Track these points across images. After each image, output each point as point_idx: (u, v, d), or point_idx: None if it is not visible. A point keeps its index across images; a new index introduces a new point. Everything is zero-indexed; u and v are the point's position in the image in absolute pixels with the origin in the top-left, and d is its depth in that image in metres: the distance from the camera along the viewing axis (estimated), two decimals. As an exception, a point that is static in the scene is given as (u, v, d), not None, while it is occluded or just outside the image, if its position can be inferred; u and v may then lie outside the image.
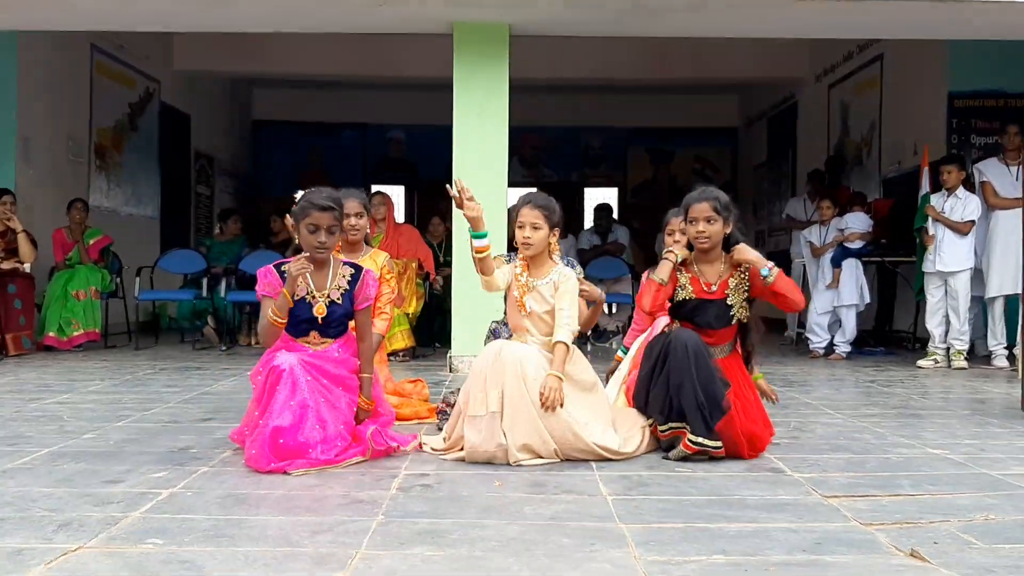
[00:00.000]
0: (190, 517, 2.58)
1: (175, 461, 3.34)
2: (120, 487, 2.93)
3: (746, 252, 3.52)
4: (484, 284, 3.61)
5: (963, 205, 7.03)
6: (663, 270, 3.56)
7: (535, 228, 3.57)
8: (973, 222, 7.04)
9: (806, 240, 8.57)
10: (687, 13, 6.24)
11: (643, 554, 2.28)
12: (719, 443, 3.34)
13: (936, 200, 7.17)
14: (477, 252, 3.54)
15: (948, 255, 7.08)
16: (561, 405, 3.40)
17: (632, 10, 6.17)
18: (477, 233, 3.54)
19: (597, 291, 3.98)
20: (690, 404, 3.32)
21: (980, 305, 7.32)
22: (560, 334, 3.53)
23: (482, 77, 6.62)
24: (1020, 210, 6.88)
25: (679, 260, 3.59)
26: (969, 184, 7.19)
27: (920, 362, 7.11)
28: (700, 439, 3.32)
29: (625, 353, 4.18)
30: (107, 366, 6.69)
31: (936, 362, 7.06)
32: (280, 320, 3.36)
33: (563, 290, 3.59)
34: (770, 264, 3.51)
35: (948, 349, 7.16)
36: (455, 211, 6.60)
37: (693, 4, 5.99)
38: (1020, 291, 6.88)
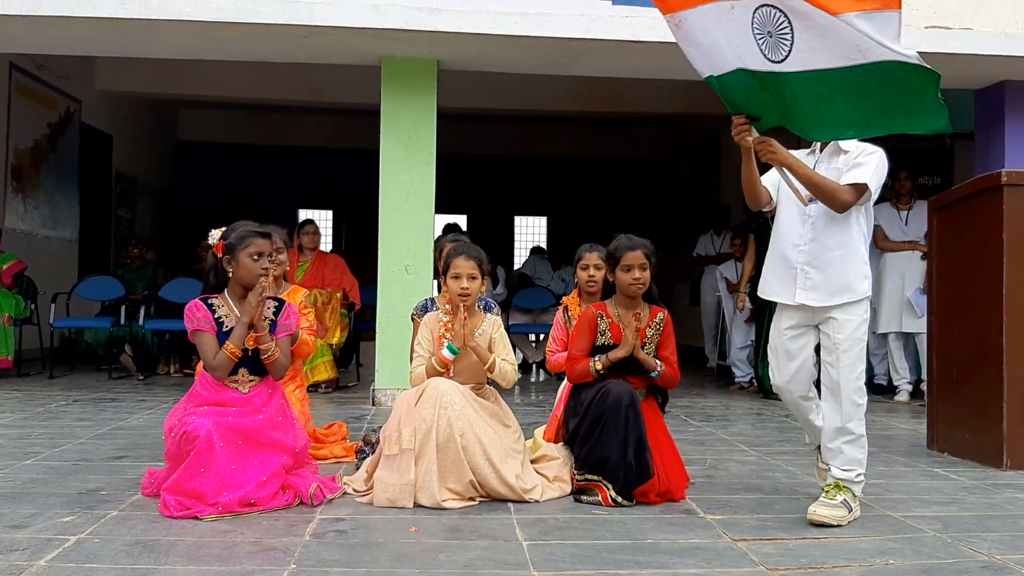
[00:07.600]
0: (96, 567, 2.53)
1: (84, 504, 3.26)
2: (26, 532, 2.86)
3: (646, 359, 3.59)
4: (414, 379, 3.63)
5: None
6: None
7: (472, 278, 3.62)
8: None
9: (721, 276, 8.71)
10: (610, 55, 6.37)
11: (553, 604, 2.31)
12: (634, 502, 3.41)
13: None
14: (442, 364, 3.58)
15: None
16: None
17: (558, 51, 6.28)
18: (455, 348, 3.58)
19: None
20: (617, 466, 3.39)
21: (878, 339, 7.52)
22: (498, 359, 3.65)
23: (410, 109, 6.64)
24: (909, 253, 7.29)
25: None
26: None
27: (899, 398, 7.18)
28: (619, 498, 3.39)
29: None
30: (19, 397, 6.49)
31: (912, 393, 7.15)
32: (239, 352, 3.38)
33: (500, 344, 3.69)
34: (659, 367, 3.60)
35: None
36: (380, 237, 6.60)
37: (615, 47, 6.12)
38: (904, 329, 7.27)
